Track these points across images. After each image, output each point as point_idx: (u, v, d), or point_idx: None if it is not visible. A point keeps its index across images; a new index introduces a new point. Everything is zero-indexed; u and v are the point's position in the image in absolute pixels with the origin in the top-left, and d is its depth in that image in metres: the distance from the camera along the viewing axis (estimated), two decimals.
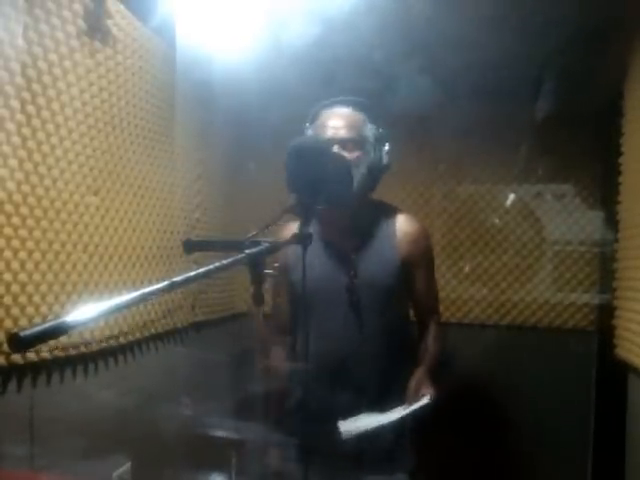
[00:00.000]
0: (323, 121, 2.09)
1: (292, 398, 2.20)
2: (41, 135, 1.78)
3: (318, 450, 2.09)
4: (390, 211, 2.21)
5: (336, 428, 2.00)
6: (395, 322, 2.19)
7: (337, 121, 2.06)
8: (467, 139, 3.30)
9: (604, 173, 3.29)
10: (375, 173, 2.10)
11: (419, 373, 2.08)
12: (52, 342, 1.78)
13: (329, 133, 2.05)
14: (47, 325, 0.84)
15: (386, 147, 2.11)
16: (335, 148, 2.00)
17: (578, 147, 3.33)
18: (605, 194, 3.29)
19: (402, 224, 2.18)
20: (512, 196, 3.44)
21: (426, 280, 2.24)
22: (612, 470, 2.90)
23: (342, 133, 2.04)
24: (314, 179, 1.73)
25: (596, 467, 3.30)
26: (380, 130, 2.11)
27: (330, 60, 2.61)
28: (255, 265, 1.42)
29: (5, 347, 1.63)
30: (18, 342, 0.81)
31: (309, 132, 2.12)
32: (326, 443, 2.05)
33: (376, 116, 2.12)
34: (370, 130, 2.09)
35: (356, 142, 2.04)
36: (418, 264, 2.19)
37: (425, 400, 1.95)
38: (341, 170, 1.84)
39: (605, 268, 3.27)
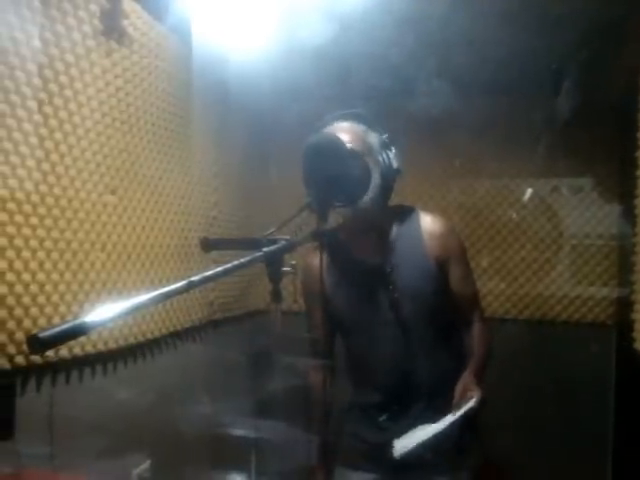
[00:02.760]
0: None
1: (348, 418, 2.21)
2: (58, 135, 1.79)
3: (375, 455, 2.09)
4: (411, 214, 2.12)
5: (392, 447, 1.98)
6: (444, 326, 2.12)
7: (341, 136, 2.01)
8: (484, 134, 3.28)
9: (622, 166, 3.27)
10: (388, 179, 2.03)
11: (465, 376, 2.00)
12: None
13: None
14: (66, 326, 0.84)
15: (392, 152, 2.07)
16: None
17: (595, 141, 3.30)
18: (623, 187, 3.26)
19: (426, 224, 2.09)
20: (529, 190, 3.42)
21: (462, 276, 2.14)
22: (632, 463, 2.89)
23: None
24: (330, 176, 1.72)
25: (616, 460, 3.28)
26: (383, 136, 2.07)
27: (346, 58, 2.61)
28: (273, 263, 1.42)
29: (24, 347, 1.64)
30: (37, 343, 0.81)
31: None
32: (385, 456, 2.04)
33: (376, 124, 2.07)
34: (374, 138, 2.04)
35: (364, 153, 1.97)
36: (451, 261, 2.10)
37: (471, 404, 1.90)
38: (357, 167, 1.83)
39: (624, 261, 3.25)
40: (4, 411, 1.60)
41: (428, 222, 2.10)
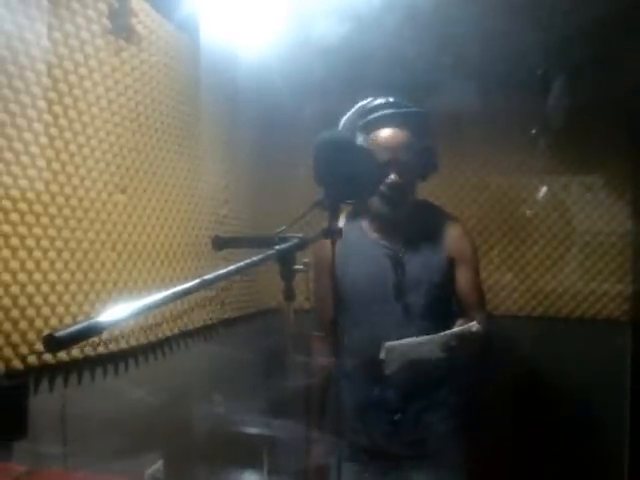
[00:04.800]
0: (380, 141, 2.08)
1: (340, 394, 2.20)
2: (68, 134, 1.78)
3: (368, 446, 2.10)
4: (437, 211, 2.25)
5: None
6: (442, 319, 2.14)
7: (395, 145, 2.07)
8: (496, 130, 3.28)
9: (634, 162, 3.25)
10: (423, 179, 2.18)
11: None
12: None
13: (386, 157, 2.05)
14: (81, 325, 0.84)
15: (433, 155, 2.15)
16: (392, 176, 2.03)
17: (608, 136, 3.28)
18: (636, 183, 3.25)
19: (450, 225, 2.20)
20: (542, 186, 3.40)
21: (471, 280, 2.22)
22: None
23: (401, 158, 2.06)
24: (342, 173, 1.72)
25: (632, 457, 3.26)
26: (429, 140, 2.14)
27: (357, 54, 2.59)
28: (285, 261, 1.41)
29: (36, 347, 1.64)
30: (53, 343, 0.81)
31: (360, 139, 2.11)
32: (376, 437, 2.11)
33: (425, 124, 2.13)
34: (421, 145, 2.11)
35: (414, 165, 2.09)
36: (464, 264, 2.19)
37: (474, 326, 1.90)
38: (368, 164, 1.83)
39: (638, 258, 3.23)
40: (17, 411, 1.60)
41: (450, 223, 2.22)
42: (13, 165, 1.59)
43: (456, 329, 1.92)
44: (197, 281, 1.07)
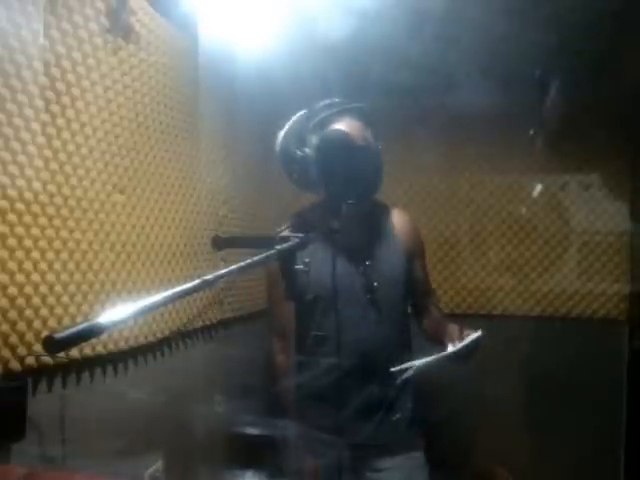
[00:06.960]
0: None
1: (311, 392, 2.20)
2: (66, 134, 1.77)
3: (335, 441, 2.10)
4: (384, 207, 2.25)
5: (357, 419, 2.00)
6: (403, 313, 2.24)
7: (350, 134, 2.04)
8: (494, 129, 3.27)
9: (632, 162, 3.25)
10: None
11: (453, 325, 2.04)
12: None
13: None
14: (82, 326, 0.83)
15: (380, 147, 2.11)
16: None
17: (606, 136, 3.28)
18: (634, 183, 3.25)
19: (397, 218, 2.23)
20: (541, 186, 3.40)
21: (423, 267, 2.32)
22: None
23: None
24: (344, 173, 1.72)
25: (629, 458, 3.26)
26: (374, 131, 2.10)
27: (359, 53, 2.59)
28: (286, 261, 1.41)
29: (35, 348, 1.63)
30: (53, 344, 0.80)
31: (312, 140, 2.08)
32: (344, 434, 2.09)
33: (370, 118, 2.11)
34: (371, 135, 2.07)
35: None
36: (416, 253, 2.26)
37: (478, 333, 1.91)
38: (372, 162, 1.82)
39: (635, 257, 3.23)
40: (16, 412, 1.59)
41: (398, 216, 2.25)
42: (10, 165, 1.57)
43: (464, 343, 1.91)
44: (197, 281, 1.07)
